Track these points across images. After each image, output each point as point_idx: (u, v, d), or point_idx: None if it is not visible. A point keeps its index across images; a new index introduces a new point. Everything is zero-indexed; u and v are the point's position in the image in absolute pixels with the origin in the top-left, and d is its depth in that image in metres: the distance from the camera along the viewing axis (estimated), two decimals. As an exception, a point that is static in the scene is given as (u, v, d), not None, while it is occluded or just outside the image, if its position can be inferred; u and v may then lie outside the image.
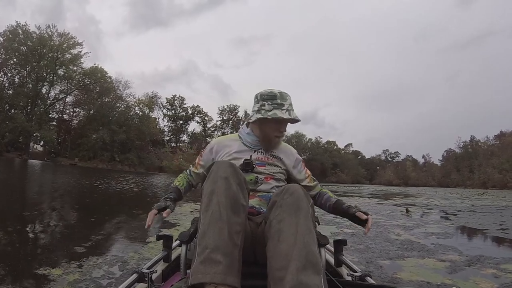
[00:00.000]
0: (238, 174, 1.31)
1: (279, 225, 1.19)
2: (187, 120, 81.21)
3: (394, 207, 11.94)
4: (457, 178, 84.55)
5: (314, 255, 1.10)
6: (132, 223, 5.74)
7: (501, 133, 76.69)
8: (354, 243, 4.66)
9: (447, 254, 4.26)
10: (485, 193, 35.29)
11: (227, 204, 1.19)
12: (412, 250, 4.42)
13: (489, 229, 6.72)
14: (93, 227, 5.05)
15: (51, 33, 50.58)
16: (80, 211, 6.79)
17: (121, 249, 3.75)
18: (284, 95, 1.70)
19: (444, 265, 3.70)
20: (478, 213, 10.42)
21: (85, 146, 52.25)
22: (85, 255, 3.35)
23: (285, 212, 1.21)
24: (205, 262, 1.07)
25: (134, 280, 1.32)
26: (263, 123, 1.72)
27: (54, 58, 50.32)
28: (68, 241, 3.98)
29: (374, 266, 3.44)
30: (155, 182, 21.43)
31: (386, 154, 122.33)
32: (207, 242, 1.11)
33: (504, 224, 7.67)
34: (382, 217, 8.21)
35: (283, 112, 1.66)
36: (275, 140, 1.75)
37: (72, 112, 58.05)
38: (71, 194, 9.80)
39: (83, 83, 54.70)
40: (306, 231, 1.15)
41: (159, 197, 11.20)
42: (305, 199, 1.26)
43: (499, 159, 66.77)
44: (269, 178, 1.70)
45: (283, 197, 1.26)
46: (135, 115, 61.56)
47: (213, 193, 1.22)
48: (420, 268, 3.49)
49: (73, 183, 14.10)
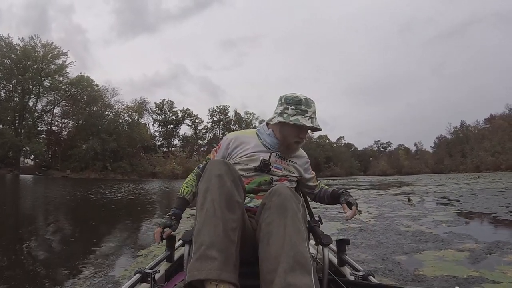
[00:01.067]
0: (232, 171, 1.30)
1: (268, 228, 1.20)
2: (177, 124, 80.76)
3: (395, 197, 11.77)
4: (450, 164, 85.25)
5: (303, 255, 1.10)
6: (124, 234, 5.44)
7: (491, 116, 77.19)
8: (364, 239, 4.41)
9: (464, 243, 4.04)
10: (480, 176, 35.45)
11: (221, 201, 1.19)
12: (426, 241, 4.18)
13: (497, 213, 6.53)
14: (89, 241, 4.75)
15: (35, 44, 49.41)
16: (75, 224, 6.47)
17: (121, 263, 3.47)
18: (309, 101, 1.68)
19: (464, 255, 3.48)
20: (480, 197, 10.27)
21: (76, 157, 51.23)
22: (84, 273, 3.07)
23: (273, 214, 1.22)
24: (201, 259, 1.08)
25: (137, 280, 1.33)
26: (283, 127, 1.70)
27: (39, 69, 49.08)
28: (65, 259, 3.73)
29: (391, 264, 3.18)
30: (149, 188, 20.96)
31: (378, 144, 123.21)
32: (202, 239, 1.12)
33: (510, 206, 7.49)
34: (386, 208, 8.00)
35: (305, 119, 1.64)
36: (293, 145, 1.73)
37: (60, 123, 56.98)
38: (65, 208, 9.43)
39: (70, 93, 53.73)
40: (294, 232, 1.15)
41: (155, 204, 11.14)
42: (293, 199, 1.26)
43: (490, 142, 67.22)
44: (283, 180, 1.70)
45: (271, 199, 1.27)
46: (124, 122, 60.76)
47: (207, 191, 1.23)
48: (440, 261, 3.25)
49: (65, 195, 13.70)
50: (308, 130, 1.71)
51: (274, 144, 1.74)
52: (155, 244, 4.40)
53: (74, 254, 3.90)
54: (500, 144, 63.16)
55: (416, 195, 12.52)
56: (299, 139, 1.70)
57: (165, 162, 62.19)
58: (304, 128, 1.67)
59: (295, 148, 1.76)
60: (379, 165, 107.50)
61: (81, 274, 3.07)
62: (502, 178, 27.04)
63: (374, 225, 5.52)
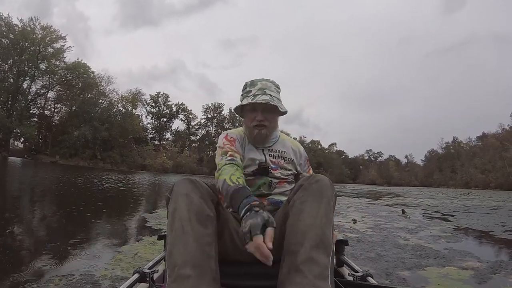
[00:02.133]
0: (200, 187, 1.25)
1: (301, 206, 1.23)
2: (171, 118, 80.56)
3: (388, 208, 11.70)
4: (440, 178, 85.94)
5: (328, 238, 1.16)
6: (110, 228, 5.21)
7: (483, 135, 77.95)
8: (363, 251, 4.22)
9: (466, 261, 3.87)
10: (470, 193, 35.56)
11: (191, 218, 1.16)
12: (427, 257, 4.01)
13: (494, 231, 6.39)
14: (72, 232, 4.51)
15: (34, 26, 48.53)
16: (59, 213, 6.21)
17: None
18: (255, 82, 1.65)
19: (469, 274, 3.32)
20: (474, 214, 10.16)
21: (66, 143, 50.54)
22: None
23: (309, 195, 1.24)
24: (176, 281, 1.07)
25: (135, 280, 1.32)
26: (243, 116, 1.70)
27: (36, 52, 48.25)
28: (42, 250, 3.45)
29: (397, 279, 3.01)
30: (139, 180, 20.69)
31: (369, 153, 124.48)
32: (174, 260, 1.11)
33: (506, 225, 7.37)
34: (381, 219, 7.85)
35: (249, 99, 1.61)
36: (255, 131, 1.63)
37: (53, 108, 56.29)
38: (51, 195, 9.14)
39: (65, 78, 53.01)
40: (324, 216, 1.20)
41: (143, 197, 10.93)
42: (330, 188, 1.28)
43: (481, 159, 67.83)
44: (283, 182, 1.65)
45: (310, 183, 1.28)
46: (118, 112, 60.21)
47: (174, 211, 1.20)
48: (446, 279, 3.09)
49: (54, 183, 13.38)
50: (261, 109, 1.61)
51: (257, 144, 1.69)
52: (138, 240, 4.20)
53: (53, 245, 3.65)
54: (491, 163, 63.73)
55: (409, 207, 12.44)
56: (256, 122, 1.61)
57: (155, 155, 61.95)
58: (254, 108, 1.62)
59: (261, 134, 1.63)
60: (369, 174, 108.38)
61: (58, 269, 2.85)
62: (492, 196, 27.11)
63: (372, 236, 5.35)
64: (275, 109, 1.62)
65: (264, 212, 1.15)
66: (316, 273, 1.09)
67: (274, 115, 1.66)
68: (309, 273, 1.08)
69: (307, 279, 1.07)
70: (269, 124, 1.63)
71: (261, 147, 1.68)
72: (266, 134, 1.64)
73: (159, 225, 5.22)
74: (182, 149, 74.43)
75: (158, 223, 5.35)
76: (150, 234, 4.54)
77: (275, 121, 1.68)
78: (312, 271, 1.09)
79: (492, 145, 65.59)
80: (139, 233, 4.71)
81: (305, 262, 1.10)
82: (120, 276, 2.69)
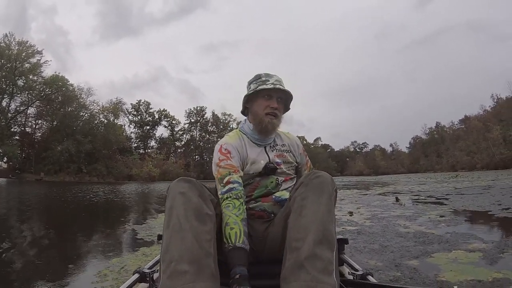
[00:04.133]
0: (198, 187, 1.26)
1: (303, 202, 1.22)
2: (154, 125, 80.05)
3: (380, 197, 11.66)
4: (426, 164, 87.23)
5: (331, 233, 1.15)
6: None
7: (466, 117, 78.95)
8: (366, 243, 4.07)
9: (471, 243, 3.78)
10: (458, 175, 36.00)
11: (188, 215, 1.15)
12: (431, 243, 3.89)
13: (492, 210, 6.36)
14: (61, 247, 4.29)
15: (9, 42, 47.55)
16: (48, 229, 5.93)
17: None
18: (270, 74, 1.66)
19: (478, 256, 3.22)
20: (467, 195, 10.20)
21: (50, 160, 49.44)
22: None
23: (309, 191, 1.24)
24: (172, 276, 1.04)
25: (135, 280, 1.32)
26: (252, 104, 1.65)
27: (13, 68, 47.18)
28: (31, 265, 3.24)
29: (408, 270, 2.84)
30: (126, 190, 20.33)
31: (354, 145, 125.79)
32: (170, 255, 1.08)
33: (503, 203, 7.37)
34: (377, 209, 7.76)
35: (267, 85, 1.59)
36: (266, 120, 1.59)
37: (34, 124, 54.85)
38: (39, 214, 8.81)
39: (44, 93, 51.95)
40: (326, 211, 1.19)
41: (131, 208, 10.64)
42: (330, 184, 1.28)
43: (465, 142, 68.79)
44: (288, 178, 1.64)
45: (310, 179, 1.28)
46: (100, 123, 59.34)
47: (172, 208, 1.19)
48: (457, 264, 2.95)
49: (39, 200, 12.99)
50: (278, 97, 1.62)
51: (261, 136, 1.66)
52: (127, 254, 3.99)
53: (42, 259, 3.46)
54: (475, 144, 64.63)
55: (402, 194, 12.46)
56: (270, 110, 1.59)
57: (141, 164, 61.41)
58: (271, 95, 1.61)
59: (272, 123, 1.61)
60: (356, 166, 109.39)
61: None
62: (481, 176, 27.43)
63: (371, 227, 5.22)
64: (286, 103, 1.68)
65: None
66: (320, 268, 1.07)
67: (283, 108, 1.67)
68: (313, 269, 1.07)
69: (311, 275, 1.06)
70: (280, 115, 1.64)
71: (262, 144, 1.66)
72: (276, 125, 1.64)
73: (150, 236, 4.97)
74: (168, 155, 73.95)
75: (149, 234, 5.07)
76: (144, 245, 4.32)
77: (282, 115, 1.68)
78: (316, 266, 1.07)
79: (475, 126, 66.55)
80: (133, 246, 4.47)
81: (308, 258, 1.08)
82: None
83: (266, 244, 1.46)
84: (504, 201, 7.73)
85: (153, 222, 6.42)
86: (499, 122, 60.61)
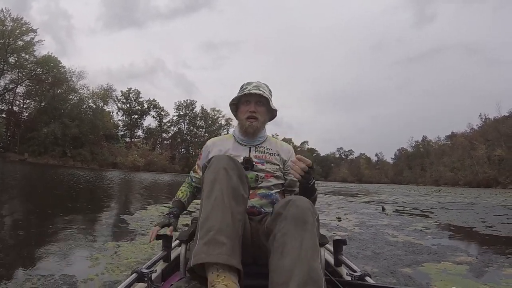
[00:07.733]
0: (239, 168, 1.31)
1: (283, 238, 1.15)
2: (142, 115, 79.12)
3: (366, 205, 11.94)
4: (409, 176, 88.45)
5: (316, 272, 1.07)
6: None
7: (452, 134, 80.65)
8: (358, 249, 4.23)
9: (458, 255, 3.99)
10: (441, 190, 36.68)
11: (229, 193, 1.19)
12: (421, 253, 4.06)
13: (476, 227, 6.61)
14: (42, 233, 4.31)
15: (4, 18, 46.33)
16: (29, 213, 5.94)
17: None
18: (251, 82, 1.76)
19: (465, 268, 3.43)
20: (451, 210, 10.50)
21: (35, 141, 48.58)
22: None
23: (289, 224, 1.16)
24: (209, 244, 1.07)
25: (133, 280, 1.31)
26: (238, 112, 1.78)
27: (6, 44, 46.05)
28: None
29: (403, 278, 3.00)
30: (112, 178, 20.21)
31: (340, 152, 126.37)
32: (210, 224, 1.11)
33: (486, 221, 7.64)
34: (364, 216, 7.96)
35: (245, 91, 1.69)
36: (246, 123, 1.70)
37: (22, 103, 53.83)
38: (23, 196, 8.76)
39: (34, 73, 50.92)
40: (309, 247, 1.11)
41: (115, 196, 10.65)
42: (311, 212, 1.20)
43: (450, 158, 70.01)
44: (269, 176, 1.68)
45: (288, 210, 1.20)
46: (88, 108, 58.42)
47: (215, 181, 1.22)
48: (446, 275, 3.15)
49: (25, 182, 12.86)
50: (256, 101, 1.71)
51: (246, 138, 1.75)
52: (112, 243, 4.06)
53: (22, 246, 3.53)
54: (460, 161, 65.87)
55: (387, 204, 12.69)
56: (249, 114, 1.69)
57: (126, 153, 60.83)
58: (249, 101, 1.71)
59: (252, 126, 1.70)
60: (340, 172, 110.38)
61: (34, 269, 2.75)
62: (463, 193, 28.02)
63: (361, 234, 5.37)
64: (266, 104, 1.73)
65: (170, 217, 1.65)
66: None
67: (265, 110, 1.75)
68: None
69: None
70: (260, 117, 1.72)
71: (248, 144, 1.75)
72: (257, 127, 1.71)
73: (142, 228, 5.00)
74: (154, 146, 73.40)
75: (141, 226, 5.04)
76: (139, 239, 4.38)
77: (265, 117, 1.76)
78: None
79: (461, 144, 67.85)
80: (129, 239, 4.52)
81: None
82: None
83: (259, 242, 1.44)
84: (487, 219, 7.99)
85: (143, 213, 6.53)
86: (485, 141, 61.84)
